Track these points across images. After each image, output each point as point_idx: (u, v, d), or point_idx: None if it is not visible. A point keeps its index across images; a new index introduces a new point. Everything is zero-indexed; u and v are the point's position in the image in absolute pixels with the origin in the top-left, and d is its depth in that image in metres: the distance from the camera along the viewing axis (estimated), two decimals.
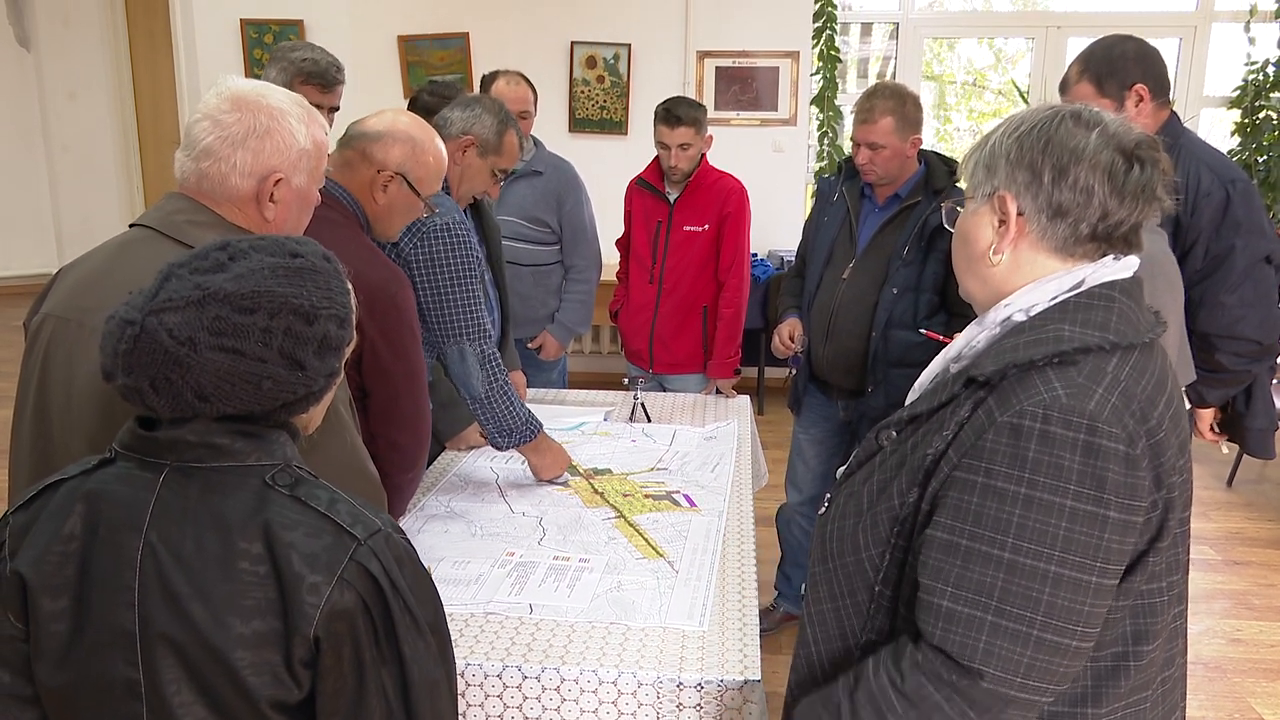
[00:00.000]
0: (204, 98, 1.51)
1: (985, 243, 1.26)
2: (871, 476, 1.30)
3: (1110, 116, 1.23)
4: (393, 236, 2.17)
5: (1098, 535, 1.10)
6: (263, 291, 1.08)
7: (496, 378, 2.34)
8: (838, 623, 1.30)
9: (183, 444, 1.08)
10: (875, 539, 1.25)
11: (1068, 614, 1.10)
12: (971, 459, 1.15)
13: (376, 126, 2.09)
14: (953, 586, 1.13)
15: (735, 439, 2.81)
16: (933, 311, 2.79)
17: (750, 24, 6.01)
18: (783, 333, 3.08)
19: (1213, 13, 6.22)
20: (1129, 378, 1.15)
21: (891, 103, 2.77)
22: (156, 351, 1.04)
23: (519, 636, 1.72)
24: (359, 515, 1.11)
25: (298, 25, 5.53)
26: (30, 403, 1.50)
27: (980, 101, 9.22)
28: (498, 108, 2.57)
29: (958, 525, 1.14)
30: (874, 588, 1.25)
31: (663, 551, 2.05)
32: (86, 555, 1.08)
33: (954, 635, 1.13)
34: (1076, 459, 1.10)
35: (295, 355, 1.09)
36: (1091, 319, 1.18)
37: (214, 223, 1.48)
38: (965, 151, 1.33)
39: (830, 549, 1.31)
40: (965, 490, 1.14)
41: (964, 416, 1.18)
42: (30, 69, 8.02)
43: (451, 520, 2.21)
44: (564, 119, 6.16)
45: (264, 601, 1.05)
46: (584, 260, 3.61)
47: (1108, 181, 1.18)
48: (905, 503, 1.22)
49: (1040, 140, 1.21)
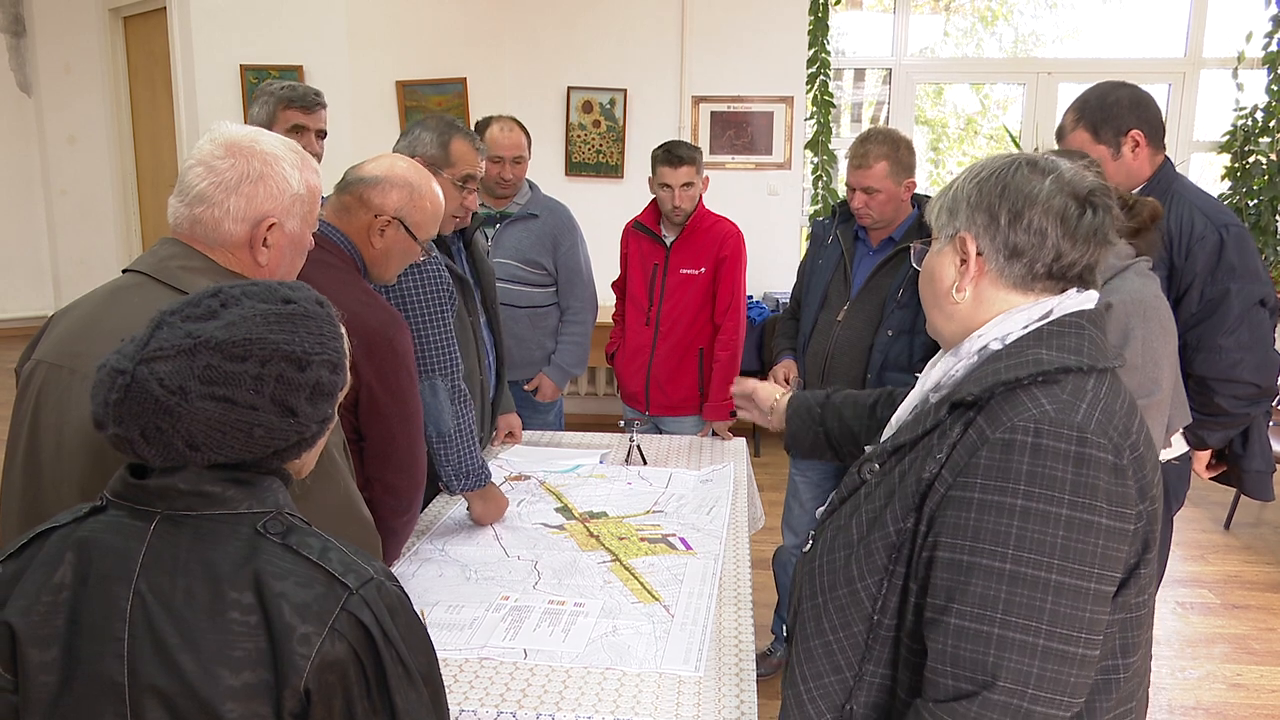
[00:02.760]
0: (198, 143, 1.52)
1: (949, 280, 1.34)
2: (859, 510, 1.33)
3: (1065, 164, 1.31)
4: (390, 280, 2.18)
5: (1093, 542, 1.14)
6: (255, 339, 1.07)
7: (463, 415, 2.36)
8: (829, 658, 1.31)
9: (174, 492, 1.07)
10: (871, 569, 1.27)
11: (1071, 621, 1.13)
12: (966, 477, 1.19)
13: (374, 171, 2.10)
14: (957, 602, 1.16)
15: (731, 482, 2.80)
16: (928, 354, 2.78)
17: (745, 69, 6.09)
18: (778, 374, 3.11)
19: (1201, 59, 6.30)
20: (1107, 396, 1.21)
21: (885, 148, 2.80)
22: (147, 401, 1.03)
23: (514, 682, 1.70)
24: (351, 564, 1.09)
25: (297, 71, 5.58)
26: (22, 449, 1.49)
27: (973, 146, 9.31)
28: (436, 121, 2.55)
29: (958, 542, 1.18)
30: (872, 617, 1.28)
31: (658, 595, 2.04)
32: (76, 605, 1.07)
33: (964, 651, 1.15)
34: (1069, 469, 1.14)
35: (287, 402, 1.09)
36: (1066, 344, 1.25)
37: (207, 268, 1.48)
38: (933, 197, 1.40)
39: (820, 584, 1.33)
40: (962, 508, 1.18)
41: (955, 438, 1.23)
42: (31, 114, 8.09)
43: (446, 564, 2.20)
44: (560, 162, 6.21)
45: (254, 652, 1.03)
46: (580, 302, 3.62)
47: (1060, 225, 1.27)
48: (902, 529, 1.25)
49: (998, 185, 1.29)
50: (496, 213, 3.48)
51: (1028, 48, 7.96)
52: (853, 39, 6.92)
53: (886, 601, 1.26)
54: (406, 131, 2.58)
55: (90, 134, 7.84)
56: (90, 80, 7.68)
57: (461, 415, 2.35)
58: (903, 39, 6.48)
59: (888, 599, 1.26)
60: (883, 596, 1.27)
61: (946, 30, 8.02)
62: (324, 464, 1.49)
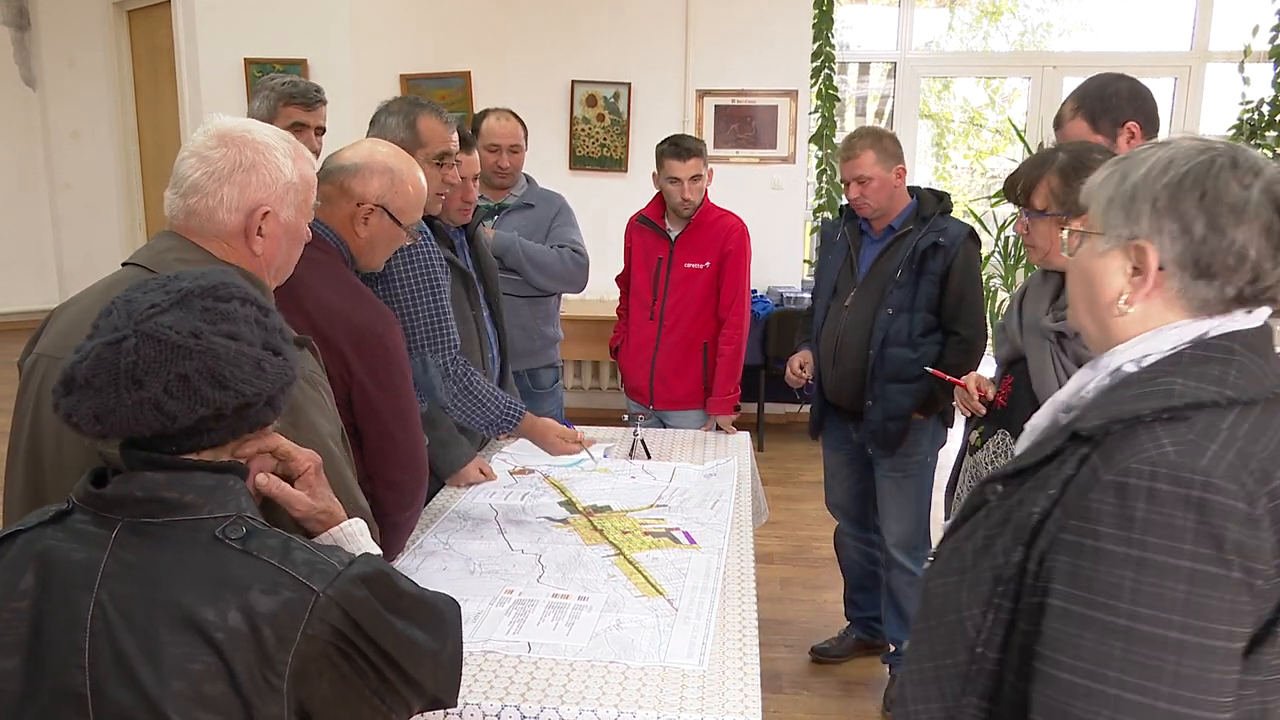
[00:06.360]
0: (191, 136, 1.52)
1: (1114, 291, 1.17)
2: (975, 532, 1.23)
3: (1271, 165, 1.12)
4: (377, 267, 2.17)
5: (1219, 596, 1.01)
6: (224, 283, 1.11)
7: (462, 384, 2.42)
8: (936, 683, 1.23)
9: (131, 500, 1.06)
10: (976, 598, 1.17)
11: (1197, 684, 1.01)
12: (1078, 520, 1.07)
13: (353, 159, 2.08)
14: (1070, 657, 1.05)
15: (735, 476, 2.80)
16: (928, 329, 3.01)
17: (749, 63, 6.08)
18: (793, 363, 3.28)
19: (1207, 53, 6.29)
20: (1246, 436, 1.06)
21: (869, 139, 3.03)
22: (165, 350, 1.03)
23: (517, 675, 1.70)
24: (315, 562, 1.08)
25: (301, 65, 5.58)
26: (24, 442, 1.49)
27: (978, 140, 9.28)
28: (400, 103, 2.50)
29: (1072, 592, 1.06)
30: (975, 649, 1.17)
31: (662, 589, 2.04)
32: (39, 614, 1.05)
33: (1076, 709, 1.04)
34: (1190, 517, 1.01)
35: (270, 342, 1.11)
36: (1207, 373, 1.10)
37: (203, 260, 1.47)
38: (1095, 176, 1.22)
39: (932, 606, 1.25)
40: (1075, 554, 1.07)
41: (1069, 474, 1.10)
42: (35, 107, 8.09)
43: (450, 557, 2.20)
44: (564, 157, 6.20)
45: (214, 666, 1.01)
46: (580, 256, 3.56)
47: (1264, 241, 1.09)
48: (1010, 562, 1.14)
49: (1195, 190, 1.10)
50: (495, 205, 3.49)
51: (1035, 39, 7.94)
52: (857, 33, 6.91)
53: (991, 634, 1.16)
54: (372, 121, 2.52)
55: (94, 128, 7.85)
56: (94, 74, 7.69)
57: (459, 386, 2.41)
58: (907, 32, 6.47)
59: (992, 632, 1.15)
60: (987, 629, 1.16)
61: (951, 24, 7.99)
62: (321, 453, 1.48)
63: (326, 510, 1.28)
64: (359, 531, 1.30)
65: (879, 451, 3.10)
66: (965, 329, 2.97)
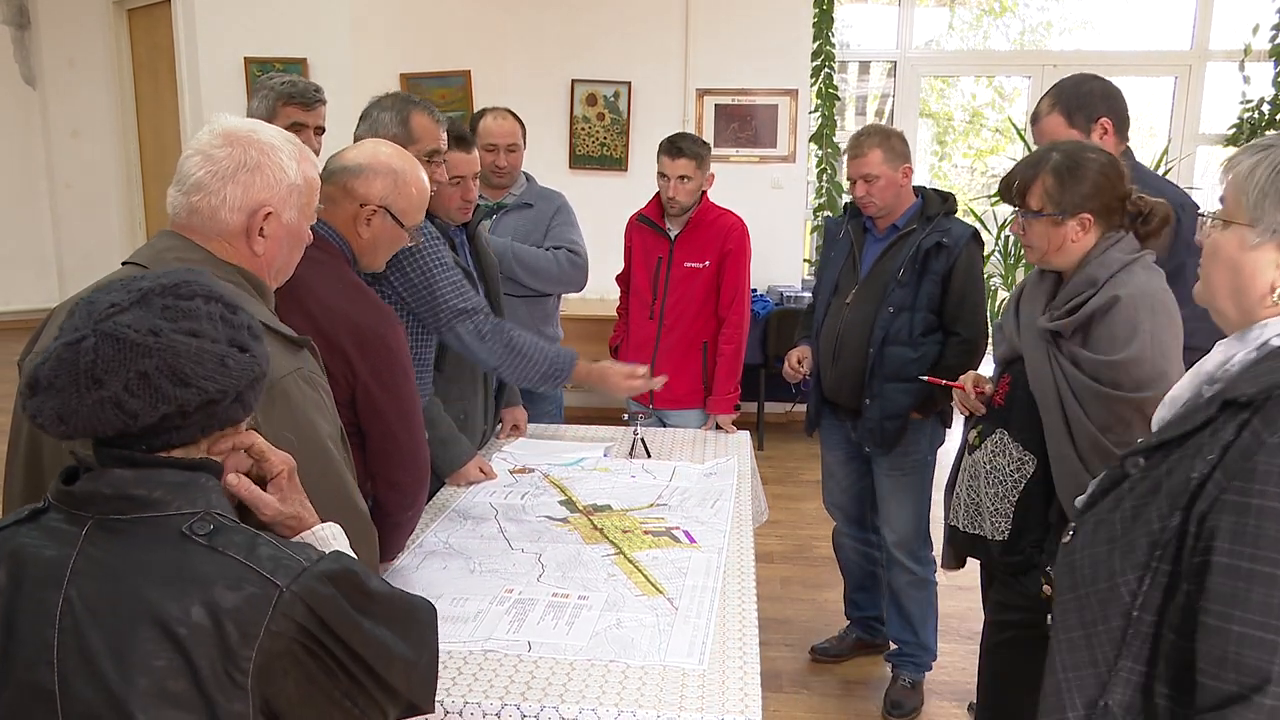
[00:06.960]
0: (197, 134, 1.53)
1: (1265, 284, 1.24)
2: (1121, 503, 1.29)
3: None
4: (379, 268, 2.18)
5: None
6: (188, 281, 1.11)
7: (503, 343, 2.42)
8: (1088, 649, 1.29)
9: (100, 497, 1.06)
10: (1131, 564, 1.24)
11: None
12: (1242, 481, 1.14)
13: (357, 159, 2.08)
14: (1239, 610, 1.12)
15: (735, 475, 2.80)
16: (928, 329, 3.00)
17: (749, 62, 6.08)
18: (792, 358, 3.28)
19: (1208, 52, 6.28)
20: None
21: (877, 138, 3.02)
22: (124, 347, 1.02)
23: (518, 675, 1.70)
24: (280, 558, 1.07)
25: (301, 64, 5.58)
26: (23, 442, 1.50)
27: (979, 139, 9.29)
28: (393, 100, 2.50)
29: (1237, 549, 1.13)
30: (1131, 613, 1.24)
31: (662, 588, 2.04)
32: (11, 611, 1.05)
33: (1247, 657, 1.11)
34: None
35: (236, 338, 1.11)
36: None
37: (204, 260, 1.47)
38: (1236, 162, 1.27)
39: (1080, 577, 1.30)
40: (1241, 513, 1.14)
41: (1229, 439, 1.17)
42: (35, 106, 8.09)
43: (450, 556, 2.20)
44: (564, 155, 6.20)
45: (176, 662, 1.01)
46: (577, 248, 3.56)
47: None
48: (1167, 526, 1.21)
49: None
50: (493, 204, 3.48)
51: (1035, 38, 7.94)
52: (857, 32, 6.90)
53: (1148, 598, 1.22)
54: (364, 115, 2.51)
55: (94, 127, 7.85)
56: (94, 73, 7.68)
57: (499, 344, 2.42)
58: (907, 31, 6.47)
59: (1149, 595, 1.22)
60: (1144, 593, 1.22)
61: (952, 24, 7.99)
62: (318, 453, 1.48)
63: (296, 515, 1.26)
64: (331, 536, 1.29)
65: (877, 450, 3.11)
66: (966, 329, 2.97)
